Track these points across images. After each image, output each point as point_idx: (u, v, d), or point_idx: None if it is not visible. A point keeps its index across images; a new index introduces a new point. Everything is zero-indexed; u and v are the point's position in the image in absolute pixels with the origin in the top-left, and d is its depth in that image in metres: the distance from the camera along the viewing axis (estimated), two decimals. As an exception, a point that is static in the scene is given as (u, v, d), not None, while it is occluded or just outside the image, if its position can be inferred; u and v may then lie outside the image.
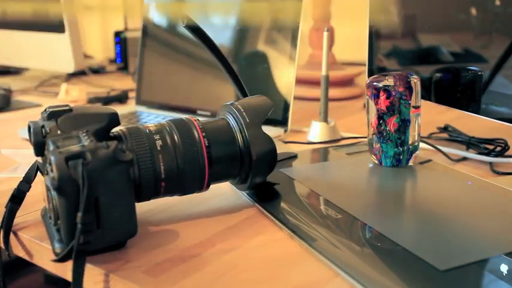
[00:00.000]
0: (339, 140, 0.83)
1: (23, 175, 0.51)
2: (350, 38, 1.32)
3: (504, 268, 0.41)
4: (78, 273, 0.40)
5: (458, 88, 0.66)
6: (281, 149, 0.63)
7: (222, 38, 0.93)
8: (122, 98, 1.17)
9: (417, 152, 0.65)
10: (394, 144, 0.63)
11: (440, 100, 0.69)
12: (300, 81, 1.09)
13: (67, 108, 0.47)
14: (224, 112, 0.54)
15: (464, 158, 0.73)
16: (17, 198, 0.51)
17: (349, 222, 0.50)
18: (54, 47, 1.27)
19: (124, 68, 1.55)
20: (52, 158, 0.41)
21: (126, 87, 1.25)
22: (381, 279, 0.40)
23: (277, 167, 0.54)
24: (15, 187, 0.51)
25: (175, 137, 0.49)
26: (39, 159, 0.49)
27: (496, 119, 0.60)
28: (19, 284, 1.23)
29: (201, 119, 0.52)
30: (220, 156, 0.51)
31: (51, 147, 0.42)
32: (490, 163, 0.69)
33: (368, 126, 0.65)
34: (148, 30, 1.03)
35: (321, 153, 0.76)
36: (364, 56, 0.81)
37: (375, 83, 0.63)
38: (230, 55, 0.91)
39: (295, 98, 0.86)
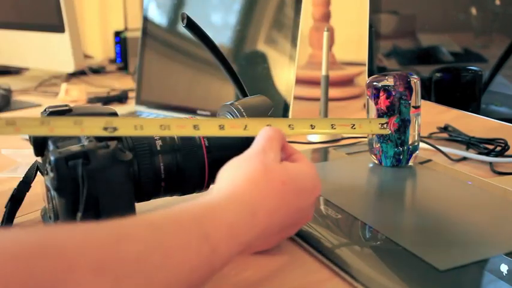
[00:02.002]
0: (339, 140, 0.83)
1: (23, 175, 0.51)
2: (350, 38, 1.32)
3: (504, 268, 0.41)
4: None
5: (458, 88, 0.66)
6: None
7: (222, 38, 0.93)
8: (121, 98, 1.17)
9: (417, 152, 0.65)
10: (394, 144, 0.63)
11: (440, 100, 0.69)
12: (300, 81, 1.09)
13: (67, 108, 0.46)
14: (224, 112, 0.54)
15: (464, 158, 0.73)
16: (16, 198, 0.51)
17: (349, 222, 0.50)
18: (54, 47, 1.27)
19: (124, 68, 1.55)
20: (52, 158, 0.41)
21: (126, 87, 1.25)
22: (381, 279, 0.40)
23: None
24: (15, 187, 0.51)
25: (175, 137, 0.49)
26: (39, 159, 0.49)
27: (496, 119, 0.60)
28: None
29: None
30: (220, 156, 0.51)
31: (51, 147, 0.42)
32: (490, 163, 0.69)
33: (368, 126, 0.65)
34: (148, 30, 1.03)
35: (321, 153, 0.76)
36: (364, 56, 0.81)
37: (374, 83, 0.63)
38: (230, 55, 0.91)
39: (295, 98, 0.86)
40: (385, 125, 0.61)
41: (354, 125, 0.56)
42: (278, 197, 0.39)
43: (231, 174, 0.40)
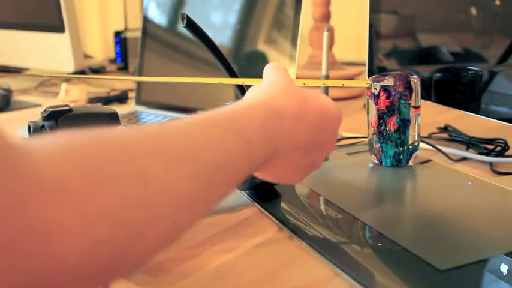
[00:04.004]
0: (339, 140, 0.83)
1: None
2: (350, 38, 1.32)
3: (504, 268, 0.41)
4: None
5: (458, 88, 0.66)
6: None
7: (222, 38, 0.93)
8: (122, 98, 1.17)
9: (417, 152, 0.65)
10: (394, 144, 0.63)
11: (440, 100, 0.69)
12: (300, 81, 1.09)
13: (67, 108, 0.47)
14: (224, 112, 0.54)
15: (464, 158, 0.73)
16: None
17: (349, 222, 0.50)
18: (54, 47, 1.27)
19: (124, 68, 1.55)
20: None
21: (126, 87, 1.25)
22: (381, 279, 0.40)
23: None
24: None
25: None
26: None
27: (496, 119, 0.60)
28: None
29: (201, 119, 0.52)
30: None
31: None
32: (490, 163, 0.69)
33: (368, 126, 0.65)
34: (148, 30, 1.03)
35: (321, 153, 0.75)
36: (364, 56, 0.81)
37: (375, 83, 0.63)
38: (230, 55, 0.91)
39: (295, 98, 0.86)
40: (371, 84, 0.63)
41: (343, 84, 0.64)
42: (301, 104, 0.42)
43: (256, 90, 0.44)
